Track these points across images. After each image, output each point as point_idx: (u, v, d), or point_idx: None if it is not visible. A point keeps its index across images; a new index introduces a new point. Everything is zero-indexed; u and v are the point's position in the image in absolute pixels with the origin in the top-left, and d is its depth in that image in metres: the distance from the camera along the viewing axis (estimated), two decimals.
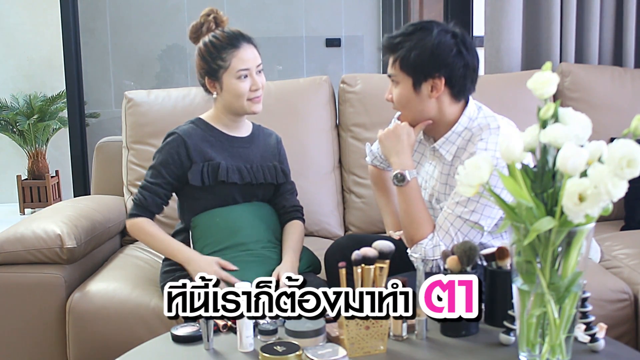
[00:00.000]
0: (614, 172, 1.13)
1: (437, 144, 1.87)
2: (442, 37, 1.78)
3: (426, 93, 1.81)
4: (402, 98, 1.83)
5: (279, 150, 2.17)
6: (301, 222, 2.13)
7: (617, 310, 2.05)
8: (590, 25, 2.99)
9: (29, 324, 2.09)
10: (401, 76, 1.81)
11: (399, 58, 1.80)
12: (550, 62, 1.29)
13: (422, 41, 1.78)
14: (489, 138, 1.78)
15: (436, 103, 1.82)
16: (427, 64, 1.78)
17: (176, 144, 2.01)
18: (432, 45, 1.77)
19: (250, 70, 1.98)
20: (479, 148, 1.77)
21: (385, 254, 1.47)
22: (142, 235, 2.03)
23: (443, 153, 1.86)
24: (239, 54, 1.97)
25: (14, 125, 5.25)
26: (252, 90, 1.99)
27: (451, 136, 1.85)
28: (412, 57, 1.78)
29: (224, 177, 1.99)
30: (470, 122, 1.84)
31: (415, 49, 1.78)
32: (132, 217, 2.03)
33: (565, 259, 1.23)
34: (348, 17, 4.75)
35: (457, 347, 1.46)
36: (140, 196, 2.01)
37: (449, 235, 1.77)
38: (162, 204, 2.04)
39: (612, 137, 2.53)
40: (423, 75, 1.79)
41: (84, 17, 3.99)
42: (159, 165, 2.01)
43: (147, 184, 2.01)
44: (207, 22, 2.03)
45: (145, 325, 2.00)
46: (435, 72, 1.78)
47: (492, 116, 1.85)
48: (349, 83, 2.78)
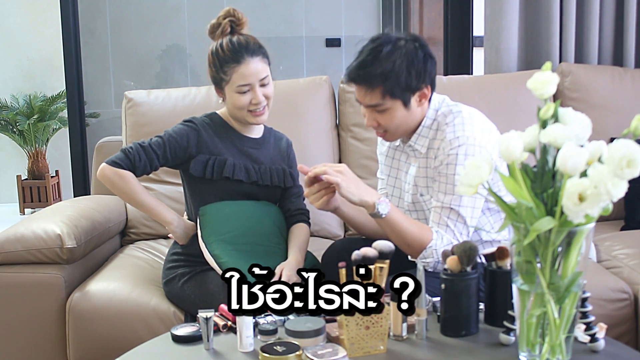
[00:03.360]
0: (614, 172, 1.13)
1: (412, 140, 1.90)
2: (409, 50, 1.78)
3: (414, 105, 1.83)
4: (396, 121, 1.83)
5: (288, 154, 2.17)
6: (307, 225, 2.13)
7: (617, 310, 2.06)
8: (590, 25, 2.99)
9: (29, 324, 2.09)
10: (390, 102, 1.80)
11: (383, 89, 1.77)
12: (550, 62, 1.29)
13: (394, 63, 1.76)
14: (455, 120, 1.82)
15: (420, 108, 1.85)
16: (413, 81, 1.79)
17: (191, 130, 2.01)
18: (408, 64, 1.77)
19: (251, 85, 1.96)
20: (447, 132, 1.81)
21: (385, 254, 1.47)
22: (124, 187, 1.96)
23: (418, 148, 1.89)
24: (240, 70, 1.95)
25: (14, 125, 5.25)
26: (253, 104, 1.98)
27: (422, 131, 1.88)
28: (399, 82, 1.77)
29: (229, 174, 1.99)
30: (435, 113, 1.88)
31: (394, 74, 1.76)
32: (116, 166, 1.95)
33: (565, 259, 1.23)
34: (348, 17, 4.75)
35: (457, 347, 1.46)
36: (135, 153, 1.96)
37: (449, 227, 1.78)
38: (147, 172, 2.00)
39: (612, 137, 2.53)
40: (411, 92, 1.81)
41: (84, 17, 3.99)
42: (166, 139, 1.99)
43: (149, 147, 1.98)
44: (222, 25, 1.99)
45: (145, 325, 2.00)
46: (421, 84, 1.80)
47: (454, 104, 1.90)
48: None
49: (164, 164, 2.01)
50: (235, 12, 2.01)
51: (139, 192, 1.99)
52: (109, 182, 1.97)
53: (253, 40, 1.99)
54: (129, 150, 1.97)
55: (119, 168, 1.95)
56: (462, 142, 1.78)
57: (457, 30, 3.28)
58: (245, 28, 2.02)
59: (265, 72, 1.98)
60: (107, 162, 1.96)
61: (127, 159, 1.96)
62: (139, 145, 1.98)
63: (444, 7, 3.34)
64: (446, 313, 1.51)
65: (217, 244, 1.93)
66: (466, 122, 1.82)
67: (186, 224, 2.04)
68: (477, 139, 1.79)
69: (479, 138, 1.79)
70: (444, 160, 1.80)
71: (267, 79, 1.99)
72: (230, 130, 2.06)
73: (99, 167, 1.99)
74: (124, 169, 1.95)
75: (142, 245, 2.51)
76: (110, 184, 1.97)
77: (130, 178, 1.96)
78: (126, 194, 1.99)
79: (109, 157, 1.97)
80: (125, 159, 1.96)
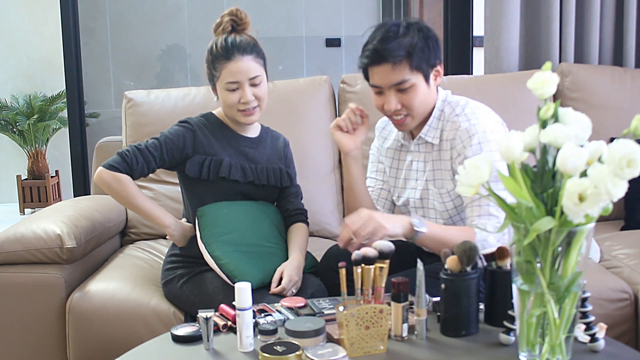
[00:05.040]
0: (614, 172, 1.13)
1: (422, 133, 1.91)
2: (421, 27, 1.83)
3: (432, 84, 1.86)
4: (420, 98, 1.83)
5: (285, 154, 2.16)
6: (305, 225, 2.12)
7: (617, 310, 2.06)
8: (590, 25, 2.99)
9: (29, 324, 2.09)
10: (415, 78, 1.81)
11: (409, 62, 1.78)
12: (550, 62, 1.29)
13: (413, 38, 1.79)
14: (465, 110, 1.86)
15: (434, 90, 1.88)
16: (432, 55, 1.82)
17: (186, 131, 2.00)
18: (425, 38, 1.80)
19: (240, 83, 1.95)
20: (462, 121, 1.83)
21: (385, 254, 1.47)
22: (122, 190, 1.95)
23: (429, 140, 1.90)
24: (229, 66, 1.95)
25: (14, 125, 5.25)
26: (242, 103, 1.97)
27: (432, 122, 1.90)
28: (423, 55, 1.79)
29: (225, 174, 1.99)
30: (442, 104, 1.91)
31: (417, 47, 1.79)
32: (114, 170, 1.94)
33: (565, 259, 1.23)
34: (348, 17, 4.76)
35: (457, 347, 1.46)
36: (132, 156, 1.95)
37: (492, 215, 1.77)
38: (144, 175, 2.00)
39: (612, 137, 2.53)
40: (430, 67, 1.83)
41: (84, 17, 4.00)
42: (162, 141, 1.99)
43: (145, 150, 1.97)
44: (223, 23, 2.00)
45: (145, 325, 2.00)
46: (437, 60, 1.84)
47: (458, 97, 1.92)
48: (349, 83, 2.78)
49: (161, 165, 2.00)
50: (239, 12, 2.01)
51: (137, 195, 1.99)
52: (106, 186, 1.96)
53: (249, 39, 1.99)
54: (125, 153, 1.96)
55: (116, 172, 1.94)
56: (479, 129, 1.80)
57: (457, 30, 3.28)
58: (248, 29, 2.02)
59: (257, 72, 1.97)
60: (104, 166, 1.95)
61: (124, 162, 1.95)
62: (136, 148, 1.97)
63: (444, 7, 3.35)
64: (446, 313, 1.51)
65: (216, 245, 1.93)
66: (477, 111, 1.85)
67: (184, 227, 2.04)
68: (491, 126, 1.82)
69: (492, 125, 1.83)
70: (462, 152, 1.81)
71: (258, 79, 1.97)
72: (227, 130, 2.06)
73: (96, 170, 1.98)
74: (122, 173, 1.95)
75: (142, 245, 2.51)
76: (107, 187, 1.96)
77: (127, 182, 1.96)
78: (123, 197, 1.98)
79: (106, 161, 1.97)
80: (122, 162, 1.95)
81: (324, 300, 1.69)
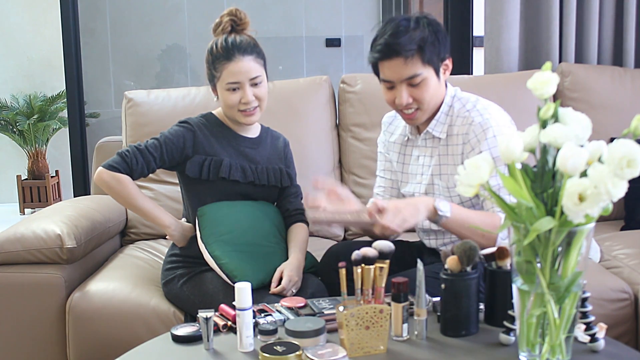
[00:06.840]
0: (614, 172, 1.13)
1: (430, 127, 1.91)
2: (430, 20, 1.83)
3: (442, 78, 1.87)
4: (431, 91, 1.84)
5: (285, 154, 2.16)
6: (306, 225, 2.12)
7: (617, 310, 2.06)
8: (590, 25, 2.99)
9: (29, 324, 2.09)
10: (426, 72, 1.81)
11: (421, 56, 1.79)
12: (550, 62, 1.29)
13: (423, 31, 1.80)
14: (477, 106, 1.87)
15: (443, 85, 1.89)
16: (442, 49, 1.83)
17: (186, 131, 2.01)
18: (435, 31, 1.81)
19: (241, 84, 1.96)
20: (474, 116, 1.84)
21: (385, 254, 1.47)
22: (122, 191, 1.95)
23: (437, 134, 1.90)
24: (229, 67, 1.95)
25: (14, 125, 5.25)
26: (243, 103, 1.97)
27: (440, 117, 1.91)
28: (434, 48, 1.80)
29: (225, 174, 1.99)
30: (451, 100, 1.92)
31: (428, 41, 1.79)
32: (114, 170, 1.94)
33: (565, 259, 1.23)
34: (348, 17, 4.75)
35: (457, 347, 1.46)
36: (132, 156, 1.95)
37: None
38: (144, 175, 2.00)
39: (612, 137, 2.53)
40: (441, 61, 1.84)
41: (84, 17, 4.00)
42: (162, 141, 1.99)
43: (145, 150, 1.97)
44: (223, 23, 2.00)
45: (145, 325, 2.00)
46: (446, 54, 1.85)
47: (467, 93, 1.93)
48: (349, 83, 2.78)
49: (161, 166, 2.00)
50: (238, 12, 2.01)
51: (137, 196, 1.99)
52: (106, 187, 1.96)
53: (249, 40, 1.99)
54: (125, 153, 1.96)
55: (116, 172, 1.94)
56: (492, 124, 1.81)
57: (457, 30, 3.28)
58: (247, 29, 2.02)
59: (257, 72, 1.97)
60: (104, 166, 1.95)
61: (124, 163, 1.95)
62: (136, 148, 1.97)
63: (444, 7, 3.34)
64: (446, 313, 1.51)
65: (217, 244, 1.93)
66: (488, 107, 1.87)
67: (184, 227, 2.04)
68: (503, 120, 1.84)
69: (505, 120, 1.85)
70: (476, 146, 1.82)
71: (258, 79, 1.98)
72: (226, 130, 2.06)
73: (96, 171, 1.98)
74: (122, 173, 1.94)
75: (142, 245, 2.51)
76: (107, 188, 1.96)
77: (127, 182, 1.96)
78: (124, 198, 1.98)
79: (106, 161, 1.96)
80: (122, 162, 1.95)
81: (324, 300, 1.69)
